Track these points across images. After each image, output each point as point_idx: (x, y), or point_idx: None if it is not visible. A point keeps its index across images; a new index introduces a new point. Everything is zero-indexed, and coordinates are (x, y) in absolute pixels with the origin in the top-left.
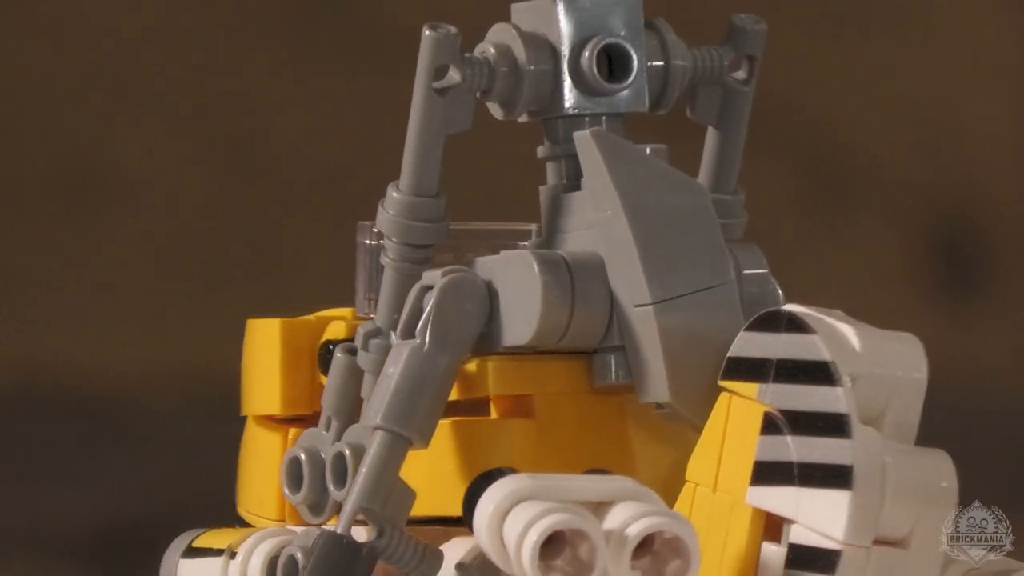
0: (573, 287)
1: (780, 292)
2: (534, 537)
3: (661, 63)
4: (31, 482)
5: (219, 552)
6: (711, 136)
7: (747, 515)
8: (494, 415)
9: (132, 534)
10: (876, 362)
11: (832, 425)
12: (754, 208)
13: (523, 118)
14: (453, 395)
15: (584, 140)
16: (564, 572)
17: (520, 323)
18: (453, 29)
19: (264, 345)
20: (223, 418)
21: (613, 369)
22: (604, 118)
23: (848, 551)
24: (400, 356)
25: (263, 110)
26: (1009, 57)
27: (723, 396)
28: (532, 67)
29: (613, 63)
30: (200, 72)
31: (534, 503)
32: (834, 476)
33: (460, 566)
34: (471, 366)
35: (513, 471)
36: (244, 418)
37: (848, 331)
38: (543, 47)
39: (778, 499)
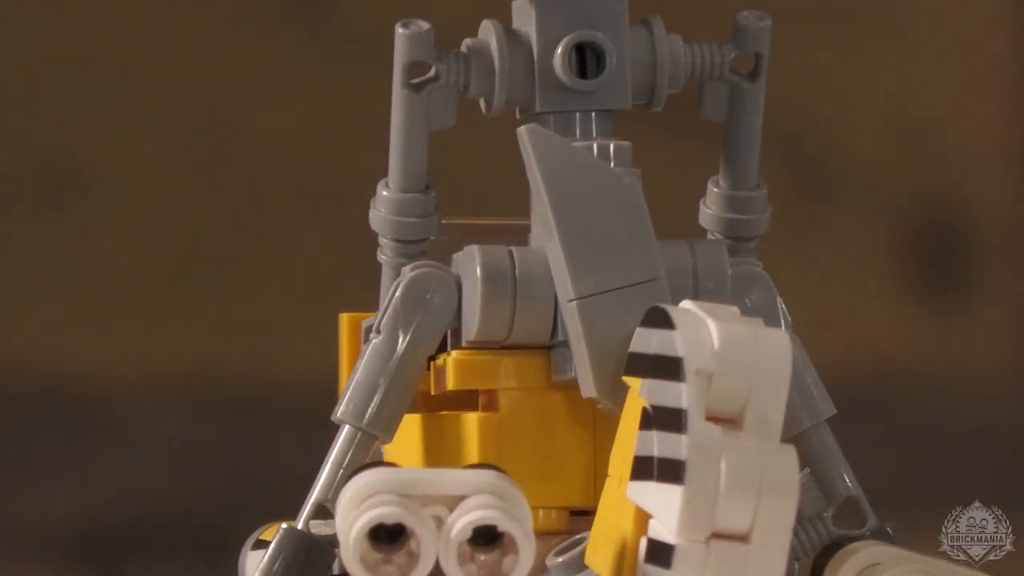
0: (515, 282)
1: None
2: (354, 532)
3: (648, 60)
4: (12, 482)
5: None
6: (724, 134)
7: (632, 509)
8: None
9: (115, 533)
10: (735, 359)
11: (674, 420)
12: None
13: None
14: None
15: (520, 136)
16: (399, 565)
17: (468, 318)
18: (426, 25)
19: (342, 339)
20: (206, 416)
21: (568, 363)
22: (579, 115)
23: (682, 545)
24: (365, 351)
25: (244, 106)
26: (993, 56)
27: (631, 391)
28: (507, 64)
29: (588, 60)
30: (180, 68)
31: (374, 498)
32: (671, 471)
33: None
34: (440, 360)
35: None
36: (224, 415)
37: (715, 328)
38: (521, 44)
39: (643, 494)
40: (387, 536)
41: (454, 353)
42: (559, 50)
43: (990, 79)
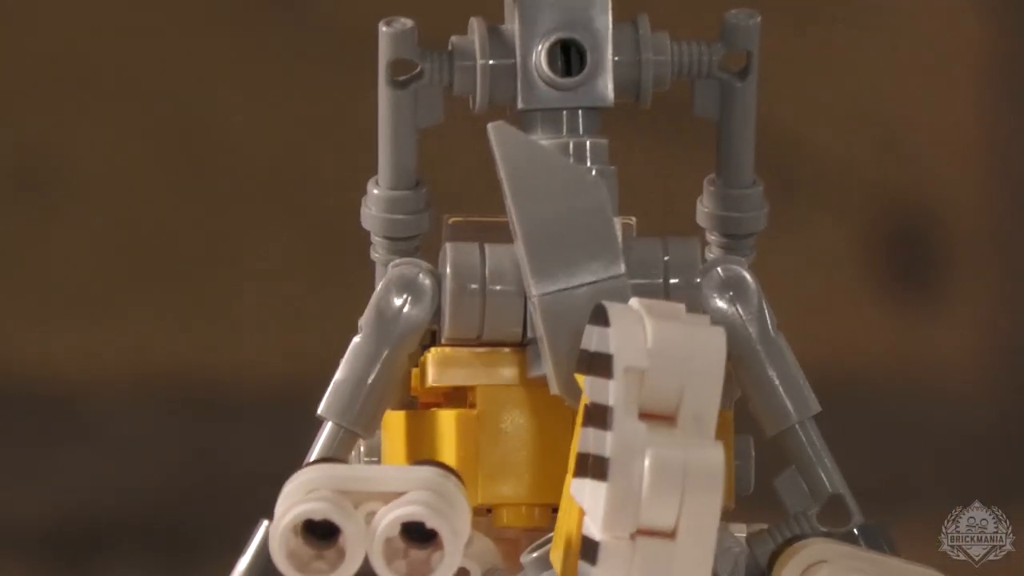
0: (484, 279)
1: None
2: (280, 528)
3: (633, 58)
4: None
5: None
6: (717, 132)
7: (576, 507)
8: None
9: (83, 530)
10: (667, 357)
11: (603, 417)
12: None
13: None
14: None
15: (489, 133)
16: (329, 561)
17: (443, 314)
18: (409, 23)
19: None
20: (173, 414)
21: (539, 360)
22: (566, 112)
23: (607, 542)
24: (349, 348)
25: (215, 105)
26: (962, 53)
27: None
28: (488, 62)
29: (573, 59)
30: (152, 66)
31: (310, 494)
32: (599, 468)
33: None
34: (424, 357)
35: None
36: (195, 411)
37: (650, 326)
38: (504, 43)
39: (580, 491)
40: (323, 532)
41: (433, 350)
42: (540, 48)
43: (959, 78)
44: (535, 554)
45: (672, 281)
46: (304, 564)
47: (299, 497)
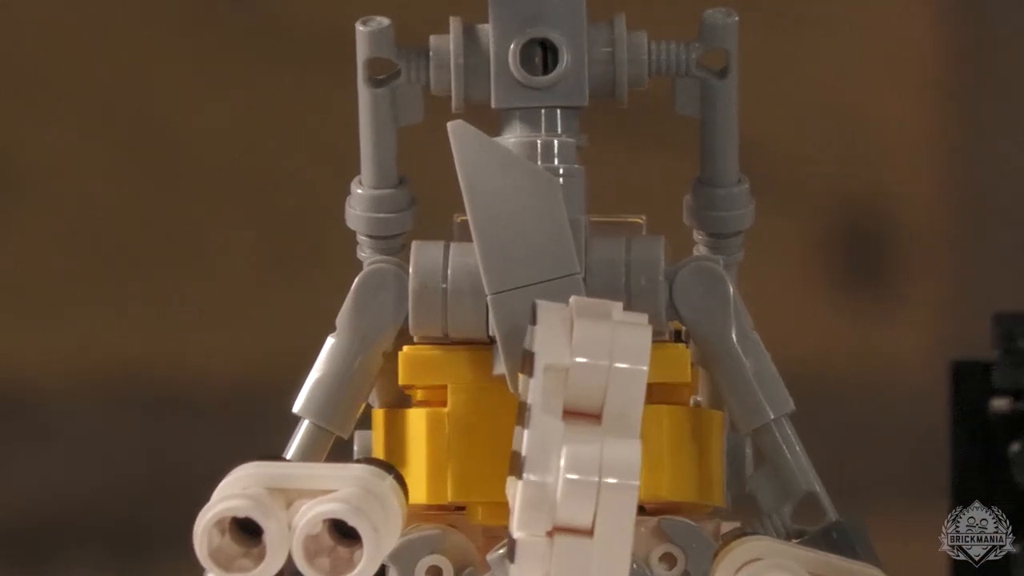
0: (447, 278)
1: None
2: (201, 525)
3: (609, 57)
4: None
5: None
6: (700, 131)
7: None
8: None
9: (37, 531)
10: (590, 355)
11: (524, 415)
12: (659, 203)
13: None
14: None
15: (449, 131)
16: (255, 558)
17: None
18: (386, 22)
19: None
20: (130, 412)
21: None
22: (544, 111)
23: (523, 539)
24: (324, 347)
25: (170, 104)
26: (916, 50)
27: None
28: (462, 60)
29: (550, 58)
30: (108, 66)
31: (241, 491)
32: (517, 465)
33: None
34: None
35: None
36: (151, 411)
37: (577, 324)
38: (480, 42)
39: (510, 489)
40: (255, 530)
41: (405, 348)
42: (512, 47)
43: (914, 78)
44: (500, 551)
45: (634, 281)
46: (230, 561)
47: (228, 494)
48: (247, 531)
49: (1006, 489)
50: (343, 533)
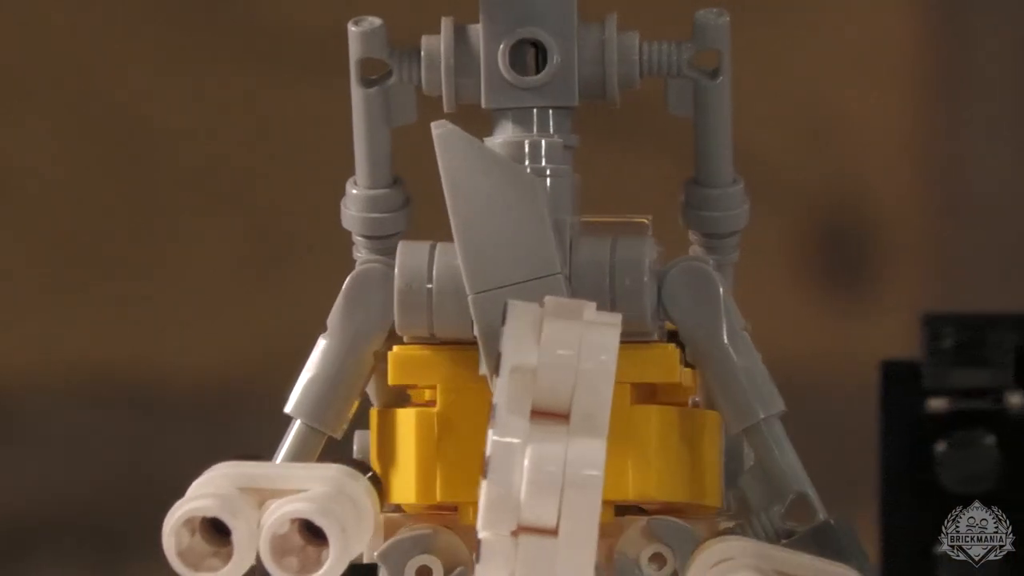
0: (431, 277)
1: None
2: (168, 524)
3: (599, 57)
4: None
5: None
6: (694, 131)
7: None
8: None
9: (10, 530)
10: (557, 356)
11: (492, 416)
12: (636, 203)
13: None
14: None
15: (432, 131)
16: (224, 557)
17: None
18: (377, 22)
19: None
20: (104, 412)
21: None
22: (536, 111)
23: (487, 539)
24: (315, 347)
25: (140, 105)
26: (893, 49)
27: None
28: (452, 61)
29: (540, 58)
30: (75, 67)
31: (212, 491)
32: (483, 466)
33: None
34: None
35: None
36: (125, 411)
37: (545, 324)
38: (470, 42)
39: (481, 489)
40: (226, 529)
41: (395, 348)
42: (501, 47)
43: (890, 76)
44: None
45: (619, 281)
46: (199, 560)
47: (197, 494)
48: (220, 531)
49: (933, 491)
50: (314, 533)
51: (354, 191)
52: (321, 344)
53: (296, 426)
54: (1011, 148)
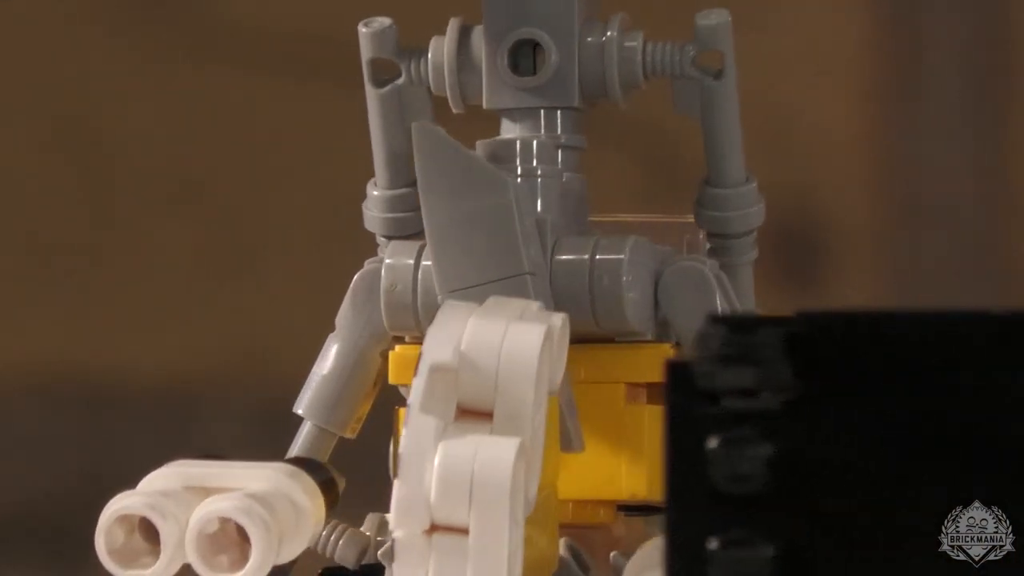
0: (416, 277)
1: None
2: (100, 523)
3: (600, 57)
4: None
5: None
6: (703, 132)
7: None
8: None
9: None
10: (478, 355)
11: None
12: (591, 202)
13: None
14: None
15: (412, 132)
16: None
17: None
18: (387, 22)
19: None
20: (64, 412)
21: None
22: (543, 111)
23: (400, 537)
24: (324, 346)
25: (106, 105)
26: (845, 47)
27: None
28: (455, 62)
29: (538, 59)
30: (44, 66)
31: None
32: (396, 465)
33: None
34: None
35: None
36: (85, 410)
37: (470, 323)
38: (473, 43)
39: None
40: None
41: (397, 347)
42: (500, 47)
43: (844, 72)
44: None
45: (596, 281)
46: (134, 558)
47: (136, 491)
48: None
49: (708, 490)
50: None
51: (375, 192)
52: (328, 344)
53: (306, 427)
54: (963, 149)
